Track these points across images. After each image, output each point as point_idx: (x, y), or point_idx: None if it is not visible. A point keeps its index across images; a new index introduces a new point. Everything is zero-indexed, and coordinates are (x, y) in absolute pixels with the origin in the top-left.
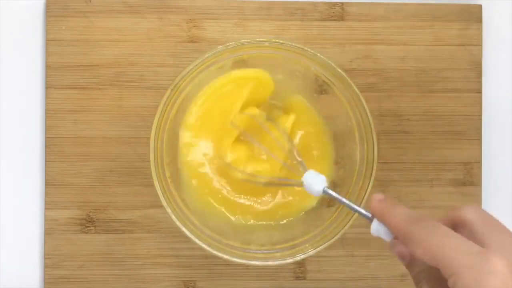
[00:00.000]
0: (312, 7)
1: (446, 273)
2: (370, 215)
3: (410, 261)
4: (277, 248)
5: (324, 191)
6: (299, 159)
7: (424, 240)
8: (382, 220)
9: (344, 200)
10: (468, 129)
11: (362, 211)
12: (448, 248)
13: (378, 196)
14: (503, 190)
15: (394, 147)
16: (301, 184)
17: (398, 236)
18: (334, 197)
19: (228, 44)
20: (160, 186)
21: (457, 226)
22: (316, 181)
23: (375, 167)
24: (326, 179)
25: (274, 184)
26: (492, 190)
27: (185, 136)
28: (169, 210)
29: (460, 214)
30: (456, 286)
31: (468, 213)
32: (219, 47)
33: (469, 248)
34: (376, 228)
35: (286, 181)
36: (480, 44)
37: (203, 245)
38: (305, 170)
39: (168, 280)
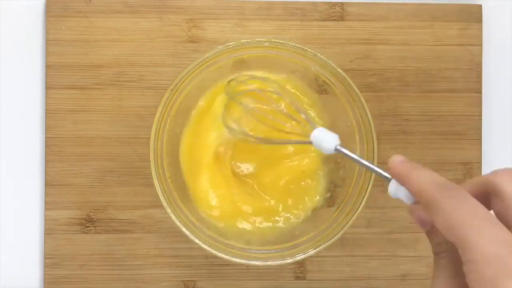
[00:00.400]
0: (312, 7)
1: (463, 256)
2: (389, 176)
3: (431, 229)
4: (277, 248)
5: (336, 149)
6: (305, 116)
7: (448, 212)
8: (404, 182)
9: (357, 157)
10: (468, 129)
11: (380, 170)
12: (471, 228)
13: (398, 157)
14: None
15: (394, 147)
16: (309, 141)
17: (420, 201)
18: (347, 155)
19: (228, 44)
20: (160, 186)
21: (490, 195)
22: (327, 138)
23: None
24: (338, 136)
25: (281, 142)
26: None
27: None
28: (169, 210)
29: (495, 181)
30: (469, 277)
31: (505, 181)
32: (219, 47)
33: (497, 235)
34: (395, 190)
35: (295, 140)
36: (480, 44)
37: (203, 245)
38: (314, 127)
39: (168, 280)
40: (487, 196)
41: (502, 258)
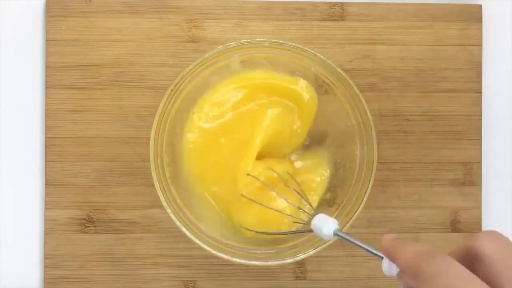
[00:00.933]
0: (312, 7)
1: None
2: (382, 255)
3: None
4: (277, 248)
5: (335, 234)
6: (307, 204)
7: (432, 279)
8: (393, 257)
9: (356, 241)
10: (468, 129)
11: (375, 251)
12: None
13: (389, 236)
14: (503, 190)
15: (394, 147)
16: (311, 231)
17: (408, 272)
18: (347, 240)
19: (228, 44)
20: (160, 186)
21: (474, 259)
22: (325, 225)
23: (375, 167)
24: (336, 221)
25: (284, 233)
26: (492, 190)
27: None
28: (169, 210)
29: (475, 245)
30: None
31: (485, 246)
32: (219, 47)
33: None
34: (388, 267)
35: (297, 231)
36: (480, 44)
37: (203, 245)
38: (315, 214)
39: (168, 280)
40: (471, 261)
41: None
